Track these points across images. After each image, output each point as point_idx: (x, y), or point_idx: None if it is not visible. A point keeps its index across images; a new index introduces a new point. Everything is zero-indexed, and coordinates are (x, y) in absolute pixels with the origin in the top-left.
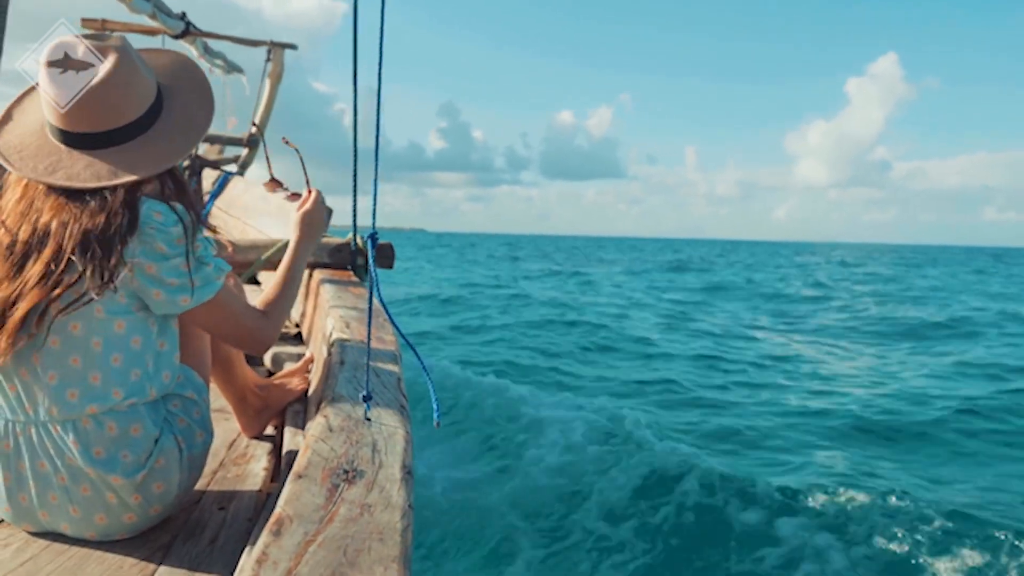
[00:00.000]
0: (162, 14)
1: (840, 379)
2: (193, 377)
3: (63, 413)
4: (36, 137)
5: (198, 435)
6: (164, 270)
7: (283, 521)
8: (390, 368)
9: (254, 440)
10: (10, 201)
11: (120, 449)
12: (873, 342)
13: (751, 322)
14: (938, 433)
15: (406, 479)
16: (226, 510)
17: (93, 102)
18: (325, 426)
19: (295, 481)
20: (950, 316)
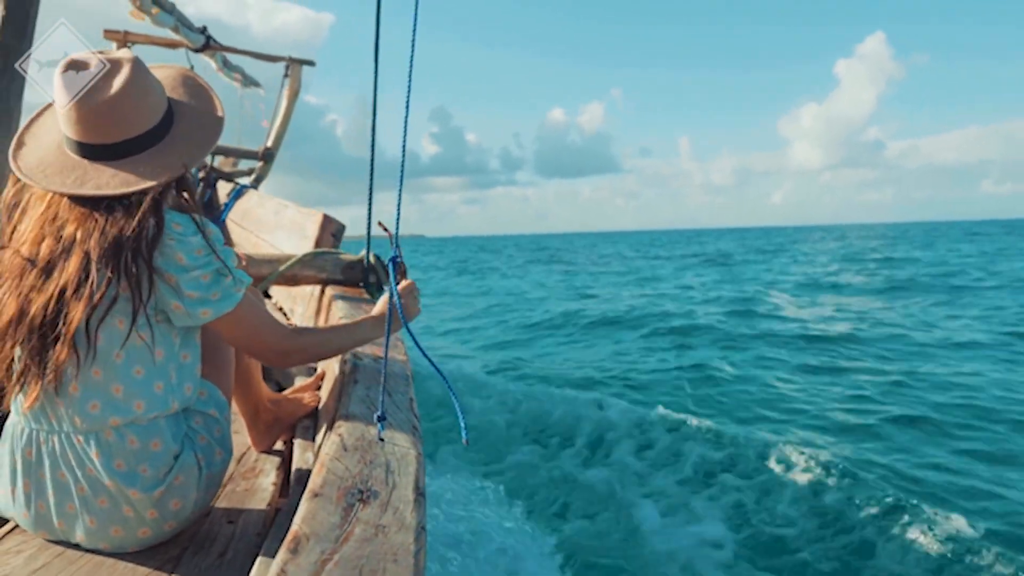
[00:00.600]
0: (184, 28)
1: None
2: (216, 394)
3: (86, 425)
4: (56, 155)
5: (217, 453)
6: (184, 282)
7: (300, 539)
8: (402, 387)
9: (263, 454)
10: (33, 218)
11: (140, 463)
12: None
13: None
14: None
15: (419, 500)
16: (235, 524)
17: (111, 113)
18: (340, 445)
19: (311, 499)
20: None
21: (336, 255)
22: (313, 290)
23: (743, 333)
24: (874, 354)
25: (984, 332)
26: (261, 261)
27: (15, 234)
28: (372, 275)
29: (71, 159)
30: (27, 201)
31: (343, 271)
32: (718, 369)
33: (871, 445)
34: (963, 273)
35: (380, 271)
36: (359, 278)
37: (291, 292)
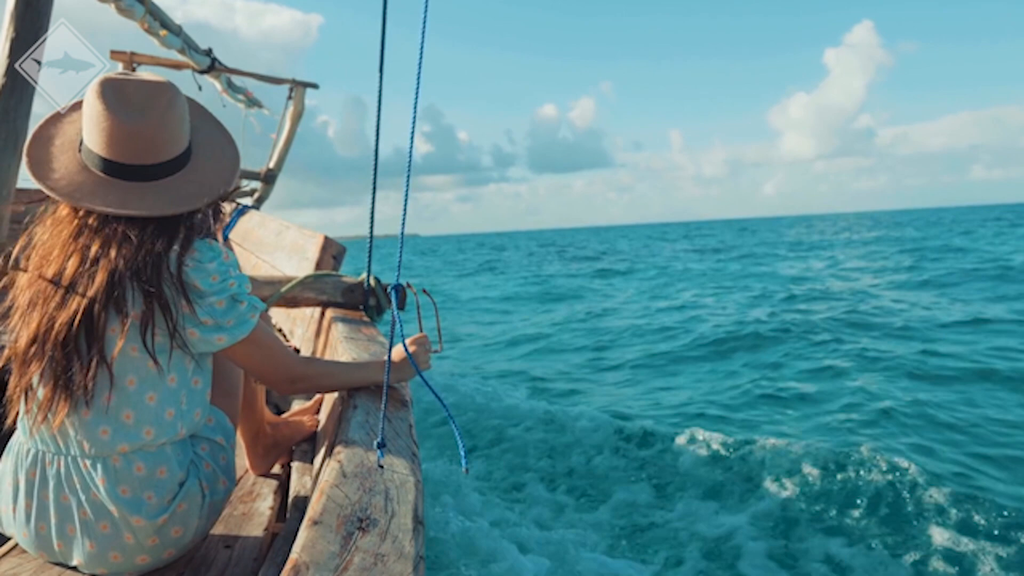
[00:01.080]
0: (191, 50)
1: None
2: (224, 421)
3: (94, 450)
4: (82, 174)
5: (221, 482)
6: (200, 309)
7: (299, 568)
8: (402, 414)
9: (261, 478)
10: (58, 237)
11: (145, 490)
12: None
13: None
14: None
15: (417, 529)
16: (232, 549)
17: (154, 135)
18: (339, 472)
19: (311, 527)
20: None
21: (337, 278)
22: (313, 312)
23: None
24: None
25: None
26: (262, 283)
27: (35, 253)
28: (372, 298)
29: (101, 178)
30: (48, 220)
31: (343, 294)
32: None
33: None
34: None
35: (380, 294)
36: (359, 301)
37: (290, 314)
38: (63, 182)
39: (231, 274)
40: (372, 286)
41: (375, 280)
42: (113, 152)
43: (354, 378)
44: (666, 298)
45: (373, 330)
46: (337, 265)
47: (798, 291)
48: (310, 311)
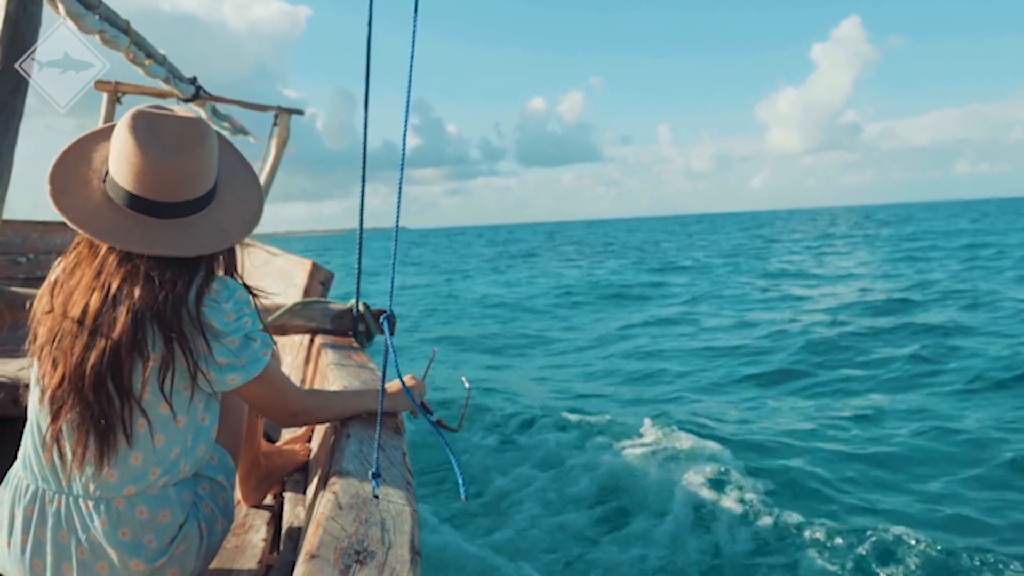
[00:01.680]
0: (175, 78)
1: None
2: (227, 460)
3: (99, 492)
4: (106, 207)
5: (220, 522)
6: (216, 349)
7: None
8: (395, 442)
9: (253, 509)
10: (85, 270)
11: (146, 534)
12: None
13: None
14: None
15: (415, 560)
16: None
17: (184, 173)
18: (335, 503)
19: (308, 561)
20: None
21: (325, 304)
22: (302, 339)
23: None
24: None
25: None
26: None
27: (59, 289)
28: (361, 324)
29: (125, 212)
30: (72, 253)
31: (332, 320)
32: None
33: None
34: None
35: (370, 320)
36: (348, 327)
37: (280, 342)
38: (84, 213)
39: (245, 312)
40: (361, 312)
41: (364, 306)
42: (140, 188)
43: (350, 407)
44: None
45: (363, 356)
46: (325, 291)
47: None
48: (299, 338)
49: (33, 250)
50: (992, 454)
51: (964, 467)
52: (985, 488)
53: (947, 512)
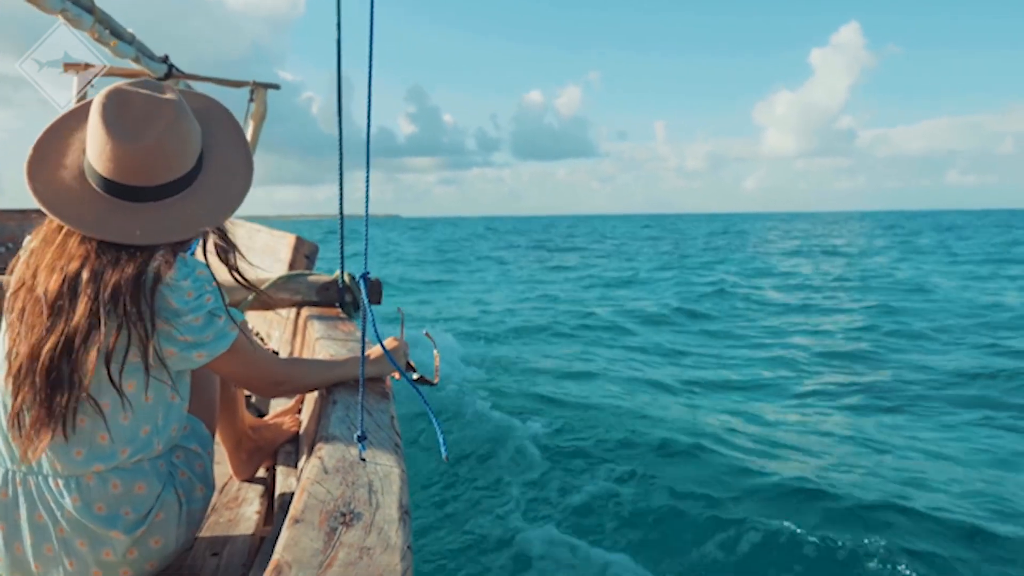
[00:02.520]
0: (145, 57)
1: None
2: (200, 429)
3: (67, 470)
4: (76, 183)
5: (198, 489)
6: (177, 327)
7: (282, 568)
8: (383, 406)
9: (246, 483)
10: (49, 250)
11: (122, 506)
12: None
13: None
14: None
15: (403, 519)
16: (219, 556)
17: (147, 156)
18: (320, 468)
19: (292, 526)
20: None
21: (309, 276)
22: (289, 313)
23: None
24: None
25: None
26: (234, 288)
27: (27, 268)
28: (348, 294)
29: (92, 192)
30: (41, 232)
31: (318, 292)
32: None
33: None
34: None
35: (356, 290)
36: (335, 298)
37: (266, 316)
38: (50, 190)
39: (206, 289)
40: (347, 282)
41: (350, 276)
42: (109, 170)
43: (335, 374)
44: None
45: (351, 326)
46: (310, 264)
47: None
48: (286, 312)
49: (11, 239)
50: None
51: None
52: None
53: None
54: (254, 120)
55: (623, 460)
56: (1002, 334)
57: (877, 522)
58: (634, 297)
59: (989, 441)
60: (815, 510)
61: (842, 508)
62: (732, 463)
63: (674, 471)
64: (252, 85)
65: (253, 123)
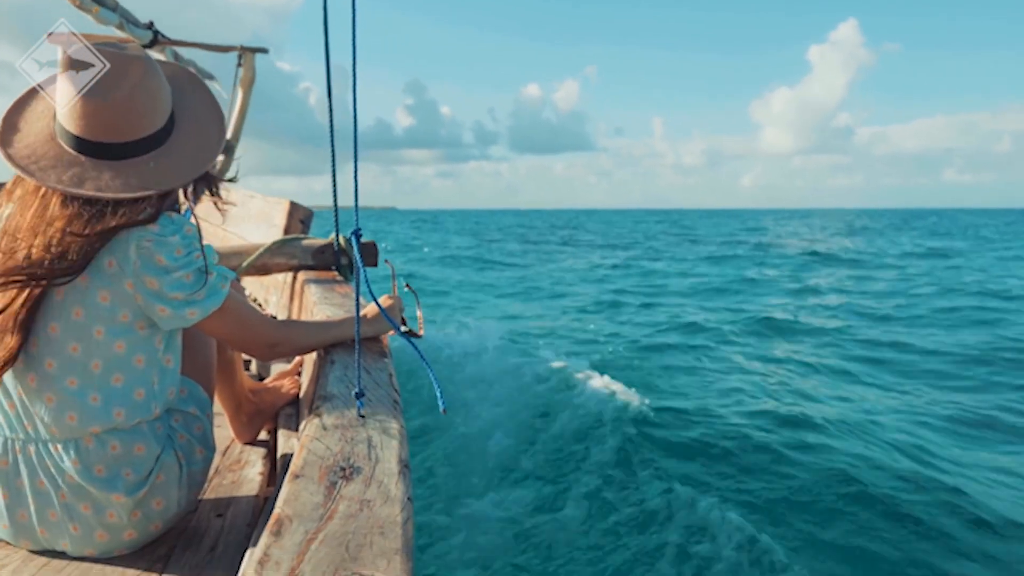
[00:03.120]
0: (130, 24)
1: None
2: (197, 392)
3: (63, 434)
4: (49, 147)
5: (198, 451)
6: (167, 284)
7: (283, 521)
8: (381, 364)
9: (248, 446)
10: (28, 212)
11: (122, 467)
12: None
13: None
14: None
15: (403, 472)
16: (224, 517)
17: (119, 112)
18: (319, 425)
19: (292, 481)
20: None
21: (304, 240)
22: (285, 277)
23: None
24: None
25: None
26: (230, 254)
27: (11, 229)
28: (344, 257)
29: (67, 153)
30: (21, 194)
31: (313, 256)
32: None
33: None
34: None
35: (352, 252)
36: (331, 261)
37: (263, 282)
38: (26, 151)
39: (195, 246)
40: (342, 245)
41: (344, 239)
42: (81, 128)
43: (332, 335)
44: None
45: (348, 288)
46: (305, 229)
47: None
48: (282, 277)
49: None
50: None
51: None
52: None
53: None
54: (243, 86)
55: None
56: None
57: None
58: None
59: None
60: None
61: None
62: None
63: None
64: (240, 50)
65: (242, 89)
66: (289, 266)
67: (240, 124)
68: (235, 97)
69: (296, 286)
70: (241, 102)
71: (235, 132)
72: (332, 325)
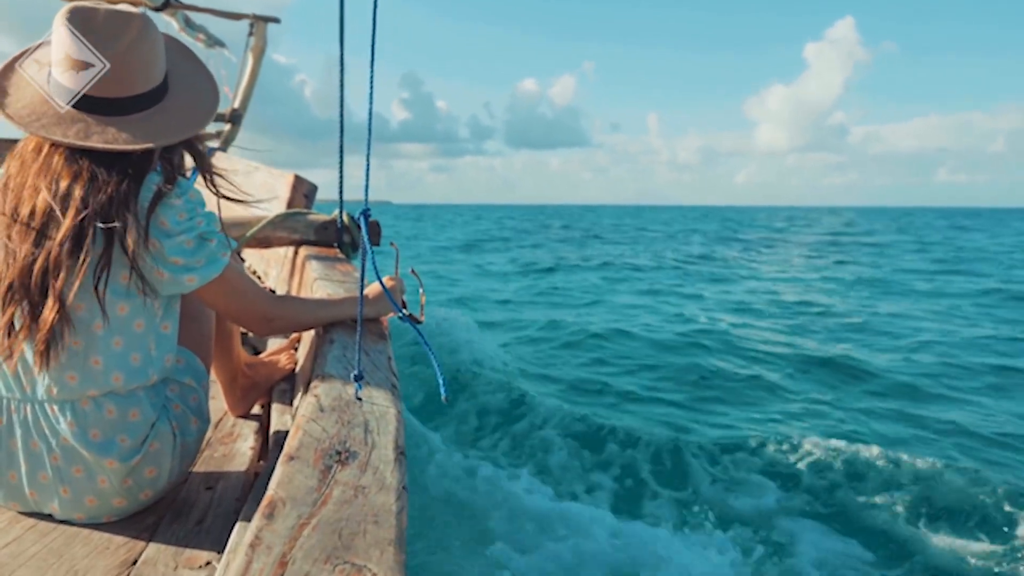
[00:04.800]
0: None
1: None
2: (194, 362)
3: (62, 395)
4: (47, 106)
5: (193, 422)
6: (168, 248)
7: (276, 504)
8: (380, 346)
9: (241, 419)
10: (30, 171)
11: (118, 433)
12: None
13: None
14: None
15: (399, 459)
16: (213, 490)
17: (119, 68)
18: (316, 406)
19: (287, 463)
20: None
21: (308, 215)
22: (287, 251)
23: None
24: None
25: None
26: (232, 224)
27: (11, 194)
28: (347, 235)
29: (68, 111)
30: (17, 154)
31: (316, 231)
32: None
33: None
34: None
35: (354, 230)
36: (333, 238)
37: (264, 255)
38: (25, 111)
39: (199, 212)
40: (346, 222)
41: (348, 216)
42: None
43: (330, 313)
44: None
45: (349, 266)
46: (309, 203)
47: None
48: (283, 251)
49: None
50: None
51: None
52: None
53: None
54: (253, 54)
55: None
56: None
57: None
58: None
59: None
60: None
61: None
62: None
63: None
64: (252, 18)
65: (253, 57)
66: (291, 240)
67: (249, 92)
68: (245, 65)
69: (297, 261)
70: (251, 70)
71: (243, 101)
72: (331, 304)
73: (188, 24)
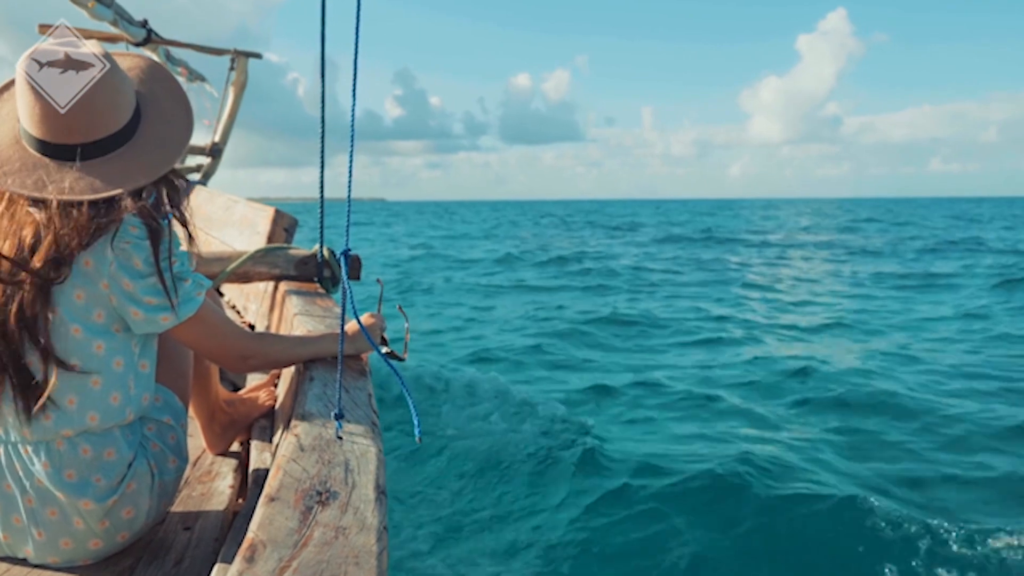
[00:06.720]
0: (123, 21)
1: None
2: (173, 401)
3: (36, 435)
4: (14, 150)
5: (171, 461)
6: (141, 288)
7: (256, 547)
8: (360, 383)
9: (219, 457)
10: (2, 222)
11: (93, 473)
12: None
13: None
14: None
15: (380, 499)
16: (191, 530)
17: (80, 112)
18: (296, 445)
19: (268, 504)
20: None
21: (288, 250)
22: (266, 286)
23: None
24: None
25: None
26: (212, 259)
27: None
28: (327, 269)
29: (32, 156)
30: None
31: (296, 266)
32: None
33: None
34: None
35: (335, 265)
36: (313, 273)
37: (244, 290)
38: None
39: (172, 252)
40: (326, 257)
41: (329, 251)
42: (43, 132)
43: (308, 351)
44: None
45: (329, 302)
46: (289, 238)
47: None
48: (263, 286)
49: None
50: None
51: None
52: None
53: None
54: (235, 89)
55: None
56: None
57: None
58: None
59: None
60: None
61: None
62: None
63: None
64: (233, 53)
65: (234, 92)
66: (271, 275)
67: (229, 127)
68: (226, 99)
69: (277, 296)
70: (232, 105)
71: (223, 135)
72: (310, 341)
73: (169, 58)
